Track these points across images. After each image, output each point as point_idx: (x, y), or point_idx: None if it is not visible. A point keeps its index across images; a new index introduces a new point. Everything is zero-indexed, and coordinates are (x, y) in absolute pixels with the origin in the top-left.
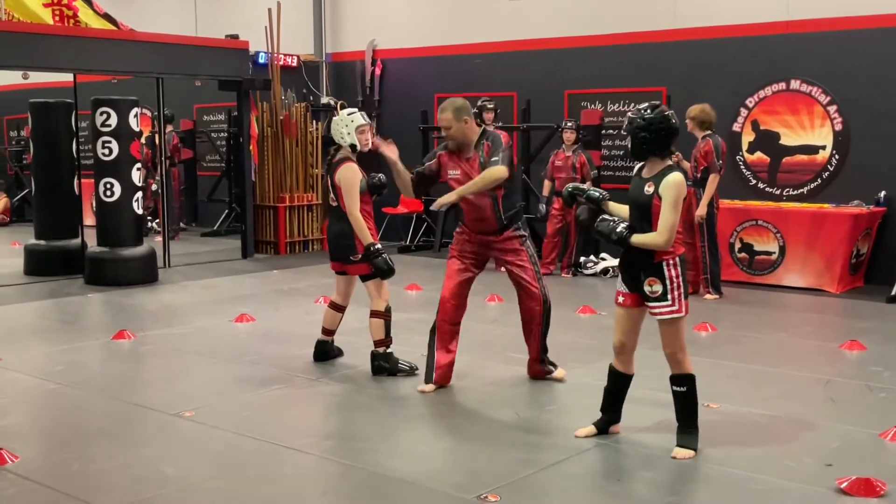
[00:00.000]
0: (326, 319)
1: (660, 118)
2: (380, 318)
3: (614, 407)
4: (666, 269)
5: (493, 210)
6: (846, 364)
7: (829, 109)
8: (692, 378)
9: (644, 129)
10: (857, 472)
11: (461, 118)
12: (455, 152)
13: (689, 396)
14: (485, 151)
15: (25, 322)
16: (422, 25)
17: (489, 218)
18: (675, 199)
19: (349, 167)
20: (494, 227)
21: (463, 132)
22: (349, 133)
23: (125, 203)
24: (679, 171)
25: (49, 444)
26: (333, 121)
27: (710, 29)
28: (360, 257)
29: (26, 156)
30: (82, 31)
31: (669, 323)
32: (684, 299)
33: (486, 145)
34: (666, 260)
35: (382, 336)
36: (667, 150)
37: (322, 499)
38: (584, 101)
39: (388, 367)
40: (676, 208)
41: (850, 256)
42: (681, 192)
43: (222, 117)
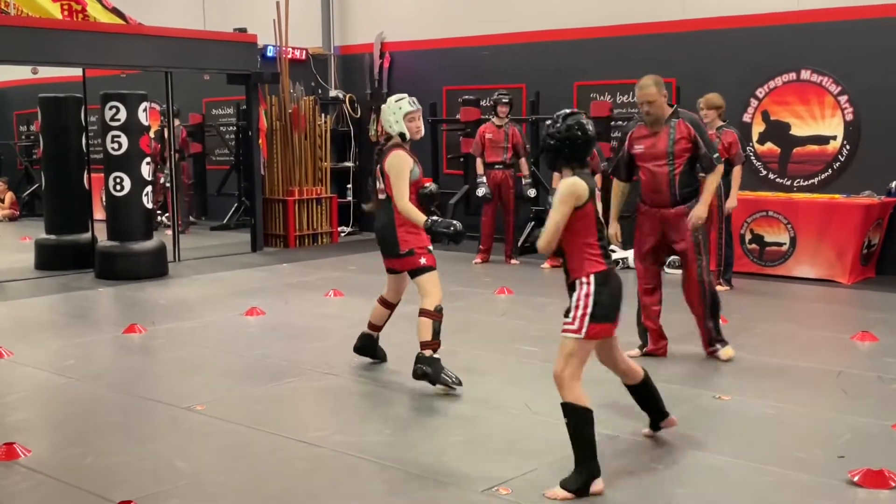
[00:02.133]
0: (373, 314)
1: (567, 127)
2: (428, 317)
3: (650, 409)
4: (578, 287)
5: (669, 186)
6: (858, 355)
7: (840, 99)
8: (575, 410)
9: (552, 137)
10: (869, 463)
11: (662, 92)
12: (646, 126)
13: (572, 430)
14: (678, 131)
15: (36, 317)
16: (430, 18)
17: (664, 192)
18: (558, 201)
19: (398, 154)
20: (667, 201)
21: (661, 107)
22: (397, 121)
23: (135, 197)
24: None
25: (61, 438)
26: (382, 108)
27: (719, 19)
28: (406, 251)
29: (36, 151)
30: (91, 26)
31: (564, 341)
32: (589, 322)
33: (683, 125)
34: (579, 278)
35: (429, 337)
36: (579, 161)
37: (333, 492)
38: (594, 92)
39: (431, 374)
40: (558, 209)
41: (862, 247)
42: (566, 194)
43: (231, 111)
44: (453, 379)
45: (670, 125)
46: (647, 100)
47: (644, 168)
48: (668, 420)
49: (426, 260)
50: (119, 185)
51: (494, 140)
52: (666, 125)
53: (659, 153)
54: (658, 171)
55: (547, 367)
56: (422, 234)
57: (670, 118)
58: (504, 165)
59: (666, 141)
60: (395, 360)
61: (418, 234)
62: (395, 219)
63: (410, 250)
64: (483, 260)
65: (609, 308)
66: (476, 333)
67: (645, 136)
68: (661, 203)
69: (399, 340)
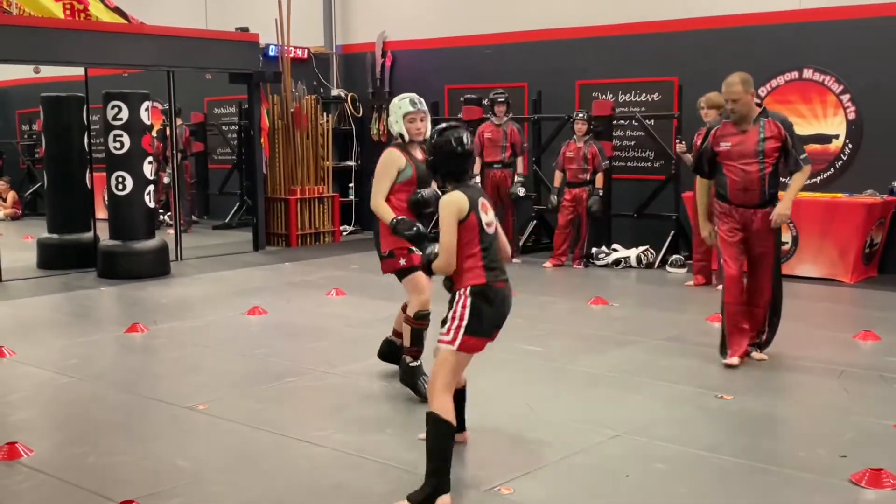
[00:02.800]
0: (396, 320)
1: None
2: (407, 322)
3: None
4: (457, 298)
5: (760, 184)
6: (860, 354)
7: (843, 98)
8: (436, 420)
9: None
10: (871, 463)
11: (749, 91)
12: (731, 124)
13: (430, 439)
14: (767, 129)
15: (39, 316)
16: (431, 17)
17: (755, 190)
18: (443, 220)
19: (388, 153)
20: (757, 200)
21: (747, 105)
22: (396, 121)
23: (137, 196)
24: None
25: (63, 437)
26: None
27: (721, 18)
28: (387, 253)
29: (38, 150)
30: (93, 25)
31: (438, 350)
32: (463, 335)
33: (773, 124)
34: (460, 290)
35: (409, 343)
36: (453, 175)
37: (335, 492)
38: (596, 91)
39: (409, 381)
40: (446, 231)
41: (864, 246)
42: (449, 210)
43: (233, 110)
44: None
45: (759, 124)
46: (732, 97)
47: (731, 166)
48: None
49: (405, 261)
50: (121, 184)
51: (493, 139)
52: (755, 124)
53: (748, 152)
54: (748, 169)
55: (549, 367)
56: None
57: (759, 117)
58: (503, 164)
59: (755, 139)
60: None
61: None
62: (379, 223)
63: (390, 252)
64: None
65: (485, 322)
66: None
67: (732, 133)
68: (749, 202)
69: None
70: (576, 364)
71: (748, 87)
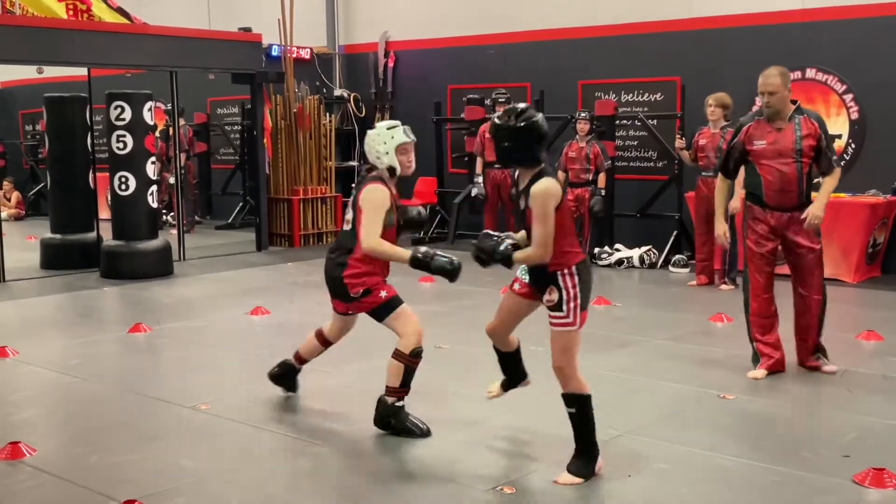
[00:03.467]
0: (305, 346)
1: (527, 125)
2: (400, 360)
3: (513, 372)
4: (561, 279)
5: (798, 186)
6: (863, 354)
7: (846, 98)
8: (582, 398)
9: (507, 137)
10: (874, 463)
11: (787, 85)
12: (765, 121)
13: (580, 418)
14: (802, 126)
15: (42, 316)
16: (434, 17)
17: (793, 192)
18: (542, 209)
19: (378, 189)
20: (795, 202)
21: (784, 101)
22: (387, 153)
23: (140, 196)
24: (547, 178)
25: (66, 437)
26: (368, 134)
27: (724, 18)
28: (361, 293)
29: (42, 150)
30: (96, 26)
31: (559, 335)
32: (581, 311)
33: (809, 122)
34: (560, 270)
35: (397, 384)
36: (533, 158)
37: (338, 491)
38: (598, 91)
39: (395, 424)
40: (545, 221)
41: (867, 246)
42: (547, 201)
43: (236, 110)
44: (422, 428)
45: (795, 121)
46: (769, 90)
47: (766, 166)
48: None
49: (386, 292)
50: (124, 184)
51: None
52: (790, 121)
53: (785, 150)
54: (786, 169)
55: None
56: (374, 268)
57: (794, 114)
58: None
59: (792, 137)
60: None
61: (370, 273)
62: (348, 258)
63: (366, 290)
64: None
65: (588, 294)
66: (481, 332)
67: (767, 131)
68: (787, 204)
69: None
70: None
71: (786, 81)
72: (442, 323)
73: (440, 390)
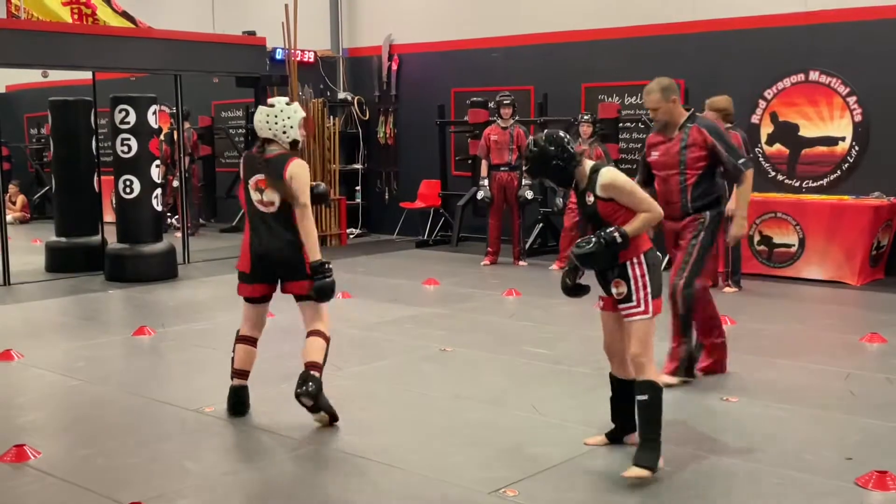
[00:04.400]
0: (242, 359)
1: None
2: (325, 340)
3: (622, 415)
4: (630, 269)
5: (680, 197)
6: (866, 357)
7: (849, 100)
8: (655, 387)
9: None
10: (878, 465)
11: (669, 98)
12: (660, 132)
13: (651, 407)
14: (689, 135)
15: (47, 319)
16: (438, 20)
17: (675, 203)
18: (623, 185)
19: (303, 164)
20: (678, 213)
21: (670, 112)
22: (292, 126)
23: (144, 200)
24: (601, 164)
25: (71, 439)
26: (266, 111)
27: (728, 20)
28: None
29: (47, 153)
30: (101, 30)
31: (636, 326)
32: (652, 299)
33: (696, 130)
34: (630, 259)
35: (321, 360)
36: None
37: (342, 493)
38: (602, 94)
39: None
40: (633, 190)
41: (871, 248)
42: (619, 178)
43: (240, 113)
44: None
45: (684, 131)
46: (650, 107)
47: (658, 177)
48: (633, 436)
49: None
50: (129, 187)
51: (499, 142)
52: (680, 131)
53: (671, 162)
54: (670, 180)
55: (555, 369)
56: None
57: (685, 124)
58: (509, 167)
59: (677, 148)
60: (405, 361)
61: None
62: (298, 237)
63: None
64: (491, 262)
65: (659, 281)
66: (484, 335)
67: (660, 142)
68: (672, 215)
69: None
70: (582, 366)
71: (668, 95)
72: (445, 325)
73: (444, 393)
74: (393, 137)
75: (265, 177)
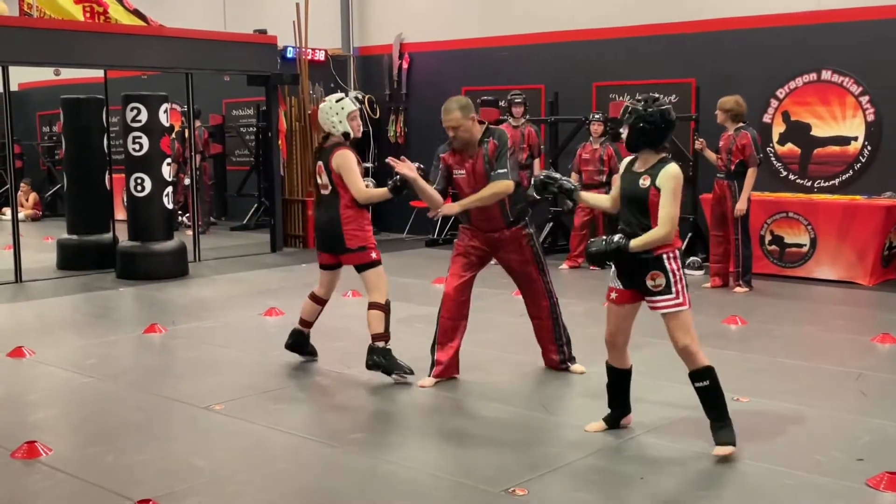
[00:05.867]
0: (305, 310)
1: (661, 112)
2: (380, 309)
3: (619, 402)
4: (667, 262)
5: (500, 210)
6: (878, 357)
7: (862, 100)
8: (711, 370)
9: (644, 120)
10: (889, 466)
11: (468, 116)
12: (459, 151)
13: (712, 390)
14: (489, 150)
15: (58, 316)
16: (449, 19)
17: (496, 217)
18: (675, 190)
19: (345, 153)
20: (501, 225)
21: (470, 131)
22: (341, 121)
23: (156, 198)
24: (675, 163)
25: (81, 436)
26: (321, 108)
27: (739, 19)
28: (358, 247)
29: (59, 151)
30: (112, 28)
31: (675, 317)
32: (686, 292)
33: (492, 143)
34: (666, 253)
35: (382, 329)
36: (662, 143)
37: (351, 492)
38: (612, 93)
39: (386, 364)
40: (676, 199)
41: (883, 249)
42: (680, 183)
43: (251, 112)
44: (406, 368)
45: (484, 147)
46: (450, 125)
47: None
48: (628, 418)
49: (376, 255)
50: (140, 185)
51: (511, 141)
52: (480, 147)
53: (480, 178)
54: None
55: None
56: (368, 229)
57: (483, 139)
58: (520, 166)
59: (482, 164)
60: (415, 360)
61: (366, 231)
62: (340, 215)
63: (362, 246)
64: None
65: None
66: (494, 334)
67: (461, 162)
68: (494, 228)
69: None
70: (591, 366)
71: (468, 113)
72: None
73: (453, 391)
74: (403, 136)
75: (322, 164)
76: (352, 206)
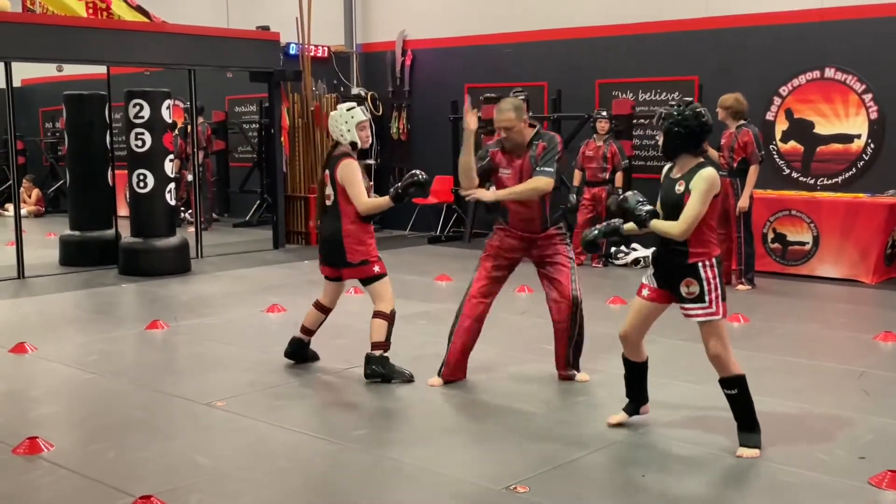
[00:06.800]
0: (309, 319)
1: (695, 114)
2: (383, 319)
3: (637, 392)
4: (702, 270)
5: (540, 212)
6: (881, 355)
7: (865, 98)
8: (741, 378)
9: (679, 125)
10: (891, 465)
11: (521, 118)
12: (508, 151)
13: (741, 397)
14: (537, 152)
15: (60, 312)
16: (452, 15)
17: (535, 219)
18: (704, 191)
19: (350, 164)
20: (538, 228)
21: (521, 132)
22: (349, 130)
23: (158, 194)
24: (712, 167)
25: (83, 433)
26: (331, 116)
27: (742, 17)
28: (360, 261)
29: (61, 147)
30: (115, 24)
31: (707, 325)
32: (722, 301)
33: (541, 146)
34: (701, 261)
35: (383, 338)
36: (699, 147)
37: (353, 489)
38: (616, 90)
39: (384, 372)
40: (703, 200)
41: (886, 247)
42: (712, 186)
43: (254, 108)
44: (406, 374)
45: (532, 149)
46: (504, 126)
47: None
48: (646, 406)
49: (379, 268)
50: (142, 181)
51: None
52: (528, 149)
53: (526, 178)
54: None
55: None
56: (371, 243)
57: (532, 142)
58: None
59: (529, 165)
60: (411, 360)
61: (367, 245)
62: (341, 229)
63: (364, 260)
64: None
65: (724, 287)
66: (496, 331)
67: (508, 161)
68: (531, 230)
69: (421, 340)
70: (593, 363)
71: (521, 114)
72: None
73: (456, 389)
74: (406, 133)
75: (328, 173)
76: (355, 221)
